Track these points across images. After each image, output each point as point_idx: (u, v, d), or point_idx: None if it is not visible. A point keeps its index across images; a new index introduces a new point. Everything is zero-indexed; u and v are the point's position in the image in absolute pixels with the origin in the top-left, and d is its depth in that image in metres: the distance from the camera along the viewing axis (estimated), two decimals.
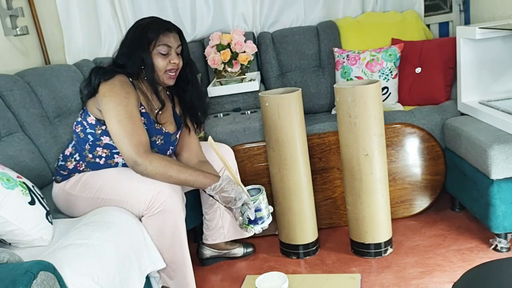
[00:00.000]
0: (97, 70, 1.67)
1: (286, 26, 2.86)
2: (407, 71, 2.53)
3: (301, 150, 1.95)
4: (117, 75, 1.65)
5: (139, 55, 1.67)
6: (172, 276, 1.68)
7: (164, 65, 1.70)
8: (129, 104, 1.61)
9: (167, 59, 1.71)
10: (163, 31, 1.69)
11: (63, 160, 1.76)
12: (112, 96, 1.61)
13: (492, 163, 1.79)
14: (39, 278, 1.04)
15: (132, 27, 1.74)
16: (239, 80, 2.44)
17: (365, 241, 1.98)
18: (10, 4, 2.28)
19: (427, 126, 2.21)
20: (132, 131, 1.59)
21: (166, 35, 1.70)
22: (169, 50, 1.70)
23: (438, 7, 2.93)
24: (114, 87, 1.62)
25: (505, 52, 2.10)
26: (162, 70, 1.71)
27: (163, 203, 1.57)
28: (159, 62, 1.69)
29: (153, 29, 1.69)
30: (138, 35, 1.69)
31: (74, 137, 1.75)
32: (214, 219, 2.01)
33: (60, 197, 1.74)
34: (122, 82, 1.65)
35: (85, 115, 1.70)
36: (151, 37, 1.68)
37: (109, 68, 1.68)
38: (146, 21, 1.73)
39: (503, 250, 1.90)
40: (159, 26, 1.70)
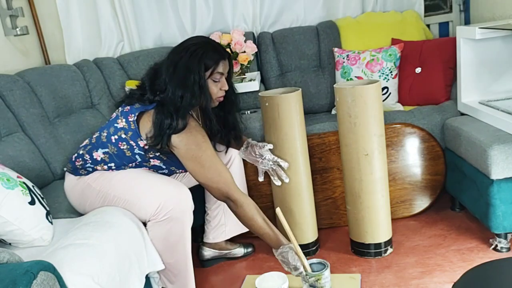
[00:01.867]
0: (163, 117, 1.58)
1: (286, 26, 2.86)
2: (407, 71, 2.53)
3: (301, 150, 1.95)
4: (189, 121, 1.61)
5: (197, 83, 1.61)
6: (172, 280, 1.68)
7: (216, 92, 1.69)
8: (207, 148, 1.63)
9: (219, 85, 1.70)
10: (220, 59, 1.67)
11: (92, 164, 1.71)
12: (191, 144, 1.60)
13: (492, 163, 1.79)
14: (39, 278, 1.04)
15: (186, 50, 1.64)
16: (239, 80, 2.44)
17: (365, 241, 1.98)
18: (10, 4, 2.28)
19: (427, 126, 2.21)
20: (217, 172, 1.63)
21: (221, 63, 1.67)
22: (221, 77, 1.70)
23: (438, 7, 2.93)
24: (192, 135, 1.61)
25: (505, 52, 2.10)
26: (214, 96, 1.70)
27: (171, 211, 1.58)
28: (212, 90, 1.68)
29: (212, 56, 1.65)
30: (195, 60, 1.62)
31: (112, 148, 1.66)
32: (217, 215, 2.02)
33: (76, 188, 1.72)
34: (196, 127, 1.63)
35: (136, 136, 1.63)
36: (210, 64, 1.64)
37: (175, 108, 1.58)
38: (202, 45, 1.66)
39: (503, 250, 1.90)
40: (218, 54, 1.67)
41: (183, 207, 1.60)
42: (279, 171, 1.90)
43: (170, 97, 1.60)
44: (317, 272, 1.41)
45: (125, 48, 2.77)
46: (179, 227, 1.60)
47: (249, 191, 2.14)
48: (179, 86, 1.60)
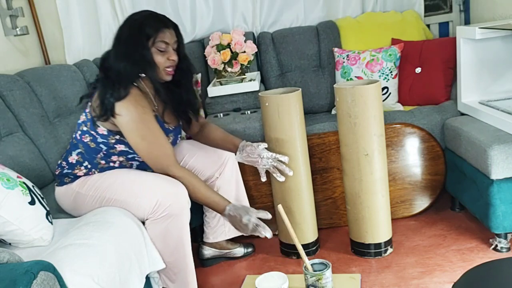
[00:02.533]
0: (108, 83, 1.60)
1: (286, 26, 2.86)
2: (407, 71, 2.53)
3: (301, 150, 1.95)
4: (130, 90, 1.60)
5: (138, 53, 1.62)
6: (173, 279, 1.68)
7: (163, 62, 1.66)
8: (149, 119, 1.62)
9: (165, 55, 1.67)
10: (162, 27, 1.65)
11: (69, 168, 1.72)
12: (131, 114, 1.58)
13: (492, 163, 1.79)
14: (39, 278, 1.04)
15: (127, 23, 1.68)
16: (239, 80, 2.44)
17: (365, 241, 1.98)
18: (10, 4, 2.28)
19: (427, 126, 2.21)
20: (159, 144, 1.62)
21: (164, 31, 1.65)
22: (167, 46, 1.66)
23: (438, 7, 2.93)
24: (131, 105, 1.59)
25: (505, 52, 2.10)
26: (161, 67, 1.67)
27: (169, 207, 1.57)
28: (158, 59, 1.65)
29: (151, 25, 1.64)
30: (135, 31, 1.63)
31: (81, 146, 1.70)
32: (216, 216, 2.01)
33: (67, 197, 1.72)
34: (136, 97, 1.61)
35: (92, 124, 1.66)
36: (150, 33, 1.63)
37: (118, 79, 1.60)
38: (142, 16, 1.68)
39: (503, 250, 1.90)
40: (157, 22, 1.65)
41: (180, 203, 1.60)
42: (280, 166, 1.86)
43: (113, 70, 1.62)
44: (318, 272, 1.41)
45: None
46: (177, 224, 1.60)
47: (249, 191, 2.14)
48: (122, 58, 1.62)
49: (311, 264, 1.46)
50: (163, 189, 1.59)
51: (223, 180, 1.97)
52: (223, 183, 1.97)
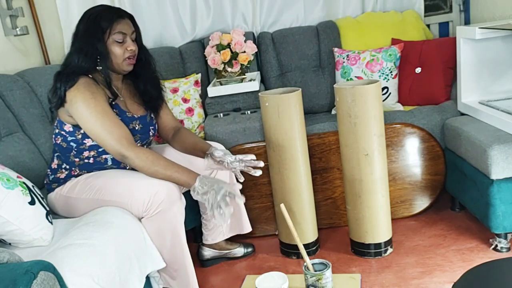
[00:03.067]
0: (60, 77, 1.64)
1: (286, 26, 2.86)
2: (407, 71, 2.53)
3: (301, 150, 1.95)
4: (79, 79, 1.62)
5: (93, 46, 1.64)
6: (174, 276, 1.68)
7: (122, 53, 1.68)
8: (98, 103, 1.61)
9: (124, 46, 1.68)
10: (116, 18, 1.66)
11: (52, 174, 1.76)
12: (78, 101, 1.60)
13: (492, 163, 1.79)
14: (39, 278, 1.04)
15: (83, 18, 1.69)
16: (239, 80, 2.44)
17: (365, 241, 1.98)
18: (10, 4, 2.28)
19: (427, 126, 2.21)
20: (110, 126, 1.60)
21: (120, 22, 1.67)
22: (124, 37, 1.68)
23: (438, 7, 2.93)
24: (78, 92, 1.60)
25: (505, 52, 2.10)
26: (120, 58, 1.68)
27: (161, 204, 1.57)
28: (116, 50, 1.67)
29: (105, 17, 1.65)
30: (90, 26, 1.65)
31: (57, 149, 1.75)
32: (212, 218, 2.01)
33: (59, 202, 1.73)
34: (85, 84, 1.62)
35: (60, 124, 1.70)
36: (105, 26, 1.64)
37: (70, 72, 1.64)
38: (96, 10, 1.69)
39: (503, 250, 1.90)
40: (112, 14, 1.67)
41: (172, 198, 1.59)
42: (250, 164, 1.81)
43: (68, 65, 1.65)
44: (318, 272, 1.41)
45: None
46: (171, 219, 1.59)
47: (249, 191, 2.14)
48: (76, 52, 1.65)
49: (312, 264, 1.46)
50: (154, 185, 1.58)
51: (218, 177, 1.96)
52: None
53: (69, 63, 1.67)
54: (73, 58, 1.65)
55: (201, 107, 2.52)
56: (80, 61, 1.64)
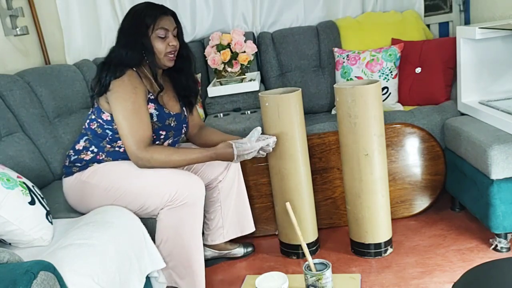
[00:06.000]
0: (107, 68, 1.68)
1: (286, 26, 2.86)
2: (407, 71, 2.53)
3: (301, 150, 1.95)
4: (127, 71, 1.67)
5: (139, 41, 1.70)
6: (183, 274, 1.69)
7: (164, 48, 1.73)
8: (136, 100, 1.65)
9: (166, 41, 1.73)
10: (160, 15, 1.71)
11: (75, 154, 1.76)
12: (119, 92, 1.65)
13: (492, 163, 1.79)
14: (39, 278, 1.04)
15: (128, 15, 1.76)
16: (239, 80, 2.44)
17: (365, 241, 1.98)
18: (10, 4, 2.29)
19: (427, 126, 2.21)
20: (136, 126, 1.64)
21: (163, 18, 1.72)
22: (166, 33, 1.73)
23: (438, 7, 2.93)
24: (123, 83, 1.65)
25: (505, 52, 2.10)
26: (162, 53, 1.73)
27: (187, 197, 1.62)
28: (159, 46, 1.72)
29: (149, 14, 1.71)
30: (135, 22, 1.71)
31: (89, 133, 1.76)
32: (214, 218, 2.02)
33: (75, 189, 1.73)
34: (131, 77, 1.67)
35: (99, 112, 1.73)
36: (149, 22, 1.70)
37: (117, 63, 1.69)
38: (141, 7, 1.75)
39: (503, 250, 1.90)
40: (156, 10, 1.72)
41: (197, 193, 1.65)
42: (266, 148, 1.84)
43: (115, 57, 1.71)
44: (318, 272, 1.41)
45: None
46: (192, 214, 1.64)
47: (249, 191, 2.14)
48: (123, 47, 1.70)
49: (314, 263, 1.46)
50: (181, 179, 1.64)
51: (226, 183, 1.97)
52: (226, 186, 1.98)
53: (115, 56, 1.71)
54: (120, 52, 1.70)
55: (201, 107, 2.52)
56: (128, 55, 1.69)
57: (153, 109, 1.74)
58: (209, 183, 1.97)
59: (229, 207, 2.01)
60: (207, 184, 1.98)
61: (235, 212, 2.03)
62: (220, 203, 1.99)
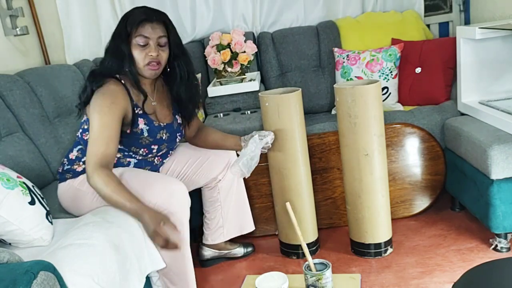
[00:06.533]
0: (90, 77, 1.64)
1: (286, 26, 2.86)
2: (407, 71, 2.53)
3: (301, 150, 1.95)
4: (109, 81, 1.62)
5: (119, 47, 1.63)
6: (175, 281, 1.67)
7: (142, 58, 1.63)
8: (110, 114, 1.56)
9: (145, 51, 1.63)
10: (141, 21, 1.61)
11: (69, 164, 1.73)
12: (96, 104, 1.59)
13: (492, 163, 1.79)
14: (39, 278, 1.04)
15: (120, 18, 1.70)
16: (239, 80, 2.44)
17: (365, 241, 1.98)
18: (10, 4, 2.28)
19: (427, 126, 2.21)
20: (100, 141, 1.54)
21: (145, 25, 1.62)
22: (147, 41, 1.62)
23: (438, 7, 2.93)
24: (102, 95, 1.59)
25: (505, 52, 2.10)
26: (140, 62, 1.64)
27: (169, 206, 1.57)
28: (137, 54, 1.63)
29: (132, 20, 1.63)
30: (119, 26, 1.65)
31: (82, 144, 1.72)
32: (215, 218, 2.02)
33: (67, 194, 1.72)
34: (112, 90, 1.60)
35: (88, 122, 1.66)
36: (129, 28, 1.62)
37: (99, 72, 1.64)
38: (130, 11, 1.68)
39: (503, 250, 1.90)
40: (138, 16, 1.62)
41: (180, 200, 1.60)
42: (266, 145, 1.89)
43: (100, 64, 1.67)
44: (318, 272, 1.41)
45: None
46: (177, 222, 1.59)
47: (249, 191, 2.14)
48: (107, 52, 1.66)
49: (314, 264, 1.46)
50: (162, 187, 1.59)
51: (225, 182, 1.97)
52: (225, 185, 1.98)
53: (101, 62, 1.68)
54: (104, 58, 1.67)
55: (201, 107, 2.52)
56: (108, 62, 1.64)
57: (143, 124, 1.68)
58: (209, 182, 1.97)
59: (229, 206, 2.00)
60: (207, 184, 1.97)
61: (235, 211, 2.03)
62: (220, 202, 1.99)
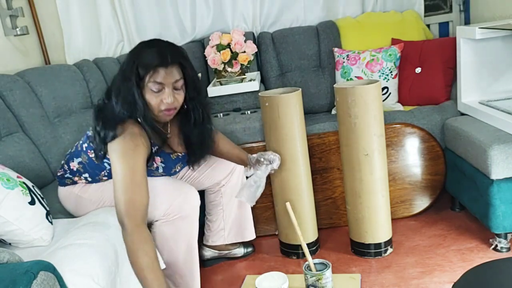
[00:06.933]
0: (101, 120, 1.47)
1: (286, 26, 2.86)
2: (407, 71, 2.53)
3: (301, 150, 1.95)
4: (127, 123, 1.46)
5: (130, 91, 1.45)
6: (178, 283, 1.68)
7: (157, 104, 1.48)
8: (133, 157, 1.42)
9: (160, 97, 1.47)
10: (155, 66, 1.44)
11: (70, 174, 1.68)
12: (118, 148, 1.43)
13: (492, 163, 1.79)
14: (39, 278, 1.04)
15: (130, 53, 1.52)
16: (239, 80, 2.44)
17: (365, 241, 1.98)
18: (10, 4, 2.29)
19: (427, 126, 2.21)
20: (129, 187, 1.39)
21: (159, 71, 1.45)
22: (161, 87, 1.47)
23: (438, 7, 2.93)
24: (123, 139, 1.44)
25: (505, 52, 2.10)
26: (155, 109, 1.49)
27: (181, 210, 1.58)
28: (151, 100, 1.47)
29: (143, 63, 1.45)
30: (129, 67, 1.47)
31: (84, 157, 1.62)
32: (216, 220, 2.02)
33: (69, 200, 1.71)
34: (133, 133, 1.45)
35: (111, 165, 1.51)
36: (141, 72, 1.45)
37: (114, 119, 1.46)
38: (140, 49, 1.50)
39: (503, 250, 1.90)
40: (153, 59, 1.45)
41: (191, 204, 1.61)
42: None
43: (108, 104, 1.50)
44: (318, 272, 1.41)
45: (125, 48, 2.77)
46: (188, 225, 1.61)
47: None
48: (116, 93, 1.48)
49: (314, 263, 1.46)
50: (176, 191, 1.60)
51: (229, 187, 1.98)
52: (228, 190, 1.98)
53: (110, 98, 1.50)
54: (114, 98, 1.48)
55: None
56: (120, 110, 1.46)
57: (160, 162, 1.62)
58: (212, 186, 1.97)
59: (230, 211, 2.00)
60: (210, 187, 1.98)
61: (237, 218, 2.03)
62: (222, 206, 1.99)
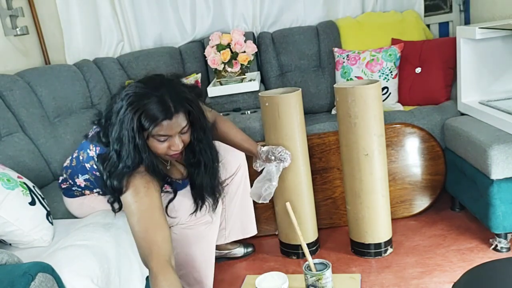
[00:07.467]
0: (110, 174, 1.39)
1: (286, 26, 2.86)
2: (407, 71, 2.53)
3: (301, 150, 1.95)
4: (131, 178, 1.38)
5: (133, 142, 1.36)
6: (192, 283, 1.68)
7: (164, 151, 1.42)
8: (147, 194, 1.36)
9: (166, 143, 1.41)
10: (161, 121, 1.35)
11: (79, 188, 1.62)
12: (130, 186, 1.37)
13: (492, 163, 1.79)
14: (37, 279, 1.03)
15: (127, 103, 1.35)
16: (239, 80, 2.44)
17: (365, 241, 1.98)
18: (10, 4, 2.29)
19: (427, 126, 2.21)
20: (149, 228, 1.32)
21: (163, 125, 1.36)
22: (167, 138, 1.40)
23: (438, 7, 2.93)
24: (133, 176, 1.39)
25: (505, 52, 2.10)
26: (162, 154, 1.43)
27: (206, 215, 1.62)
28: (157, 149, 1.41)
29: (146, 116, 1.34)
30: (128, 119, 1.34)
31: (91, 176, 1.56)
32: None
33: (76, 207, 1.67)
34: (143, 170, 1.40)
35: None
36: (146, 125, 1.35)
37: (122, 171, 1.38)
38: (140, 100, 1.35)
39: (503, 250, 1.90)
40: (154, 114, 1.34)
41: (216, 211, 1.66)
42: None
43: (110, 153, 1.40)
44: (318, 272, 1.41)
45: (125, 48, 2.77)
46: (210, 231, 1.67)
47: None
48: (116, 142, 1.38)
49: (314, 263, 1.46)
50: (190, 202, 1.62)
51: (232, 186, 1.97)
52: (232, 189, 1.98)
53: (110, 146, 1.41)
54: (114, 149, 1.39)
55: None
56: (123, 162, 1.37)
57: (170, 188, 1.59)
58: None
59: (232, 210, 2.00)
60: None
61: (239, 215, 2.03)
62: (224, 205, 1.99)
